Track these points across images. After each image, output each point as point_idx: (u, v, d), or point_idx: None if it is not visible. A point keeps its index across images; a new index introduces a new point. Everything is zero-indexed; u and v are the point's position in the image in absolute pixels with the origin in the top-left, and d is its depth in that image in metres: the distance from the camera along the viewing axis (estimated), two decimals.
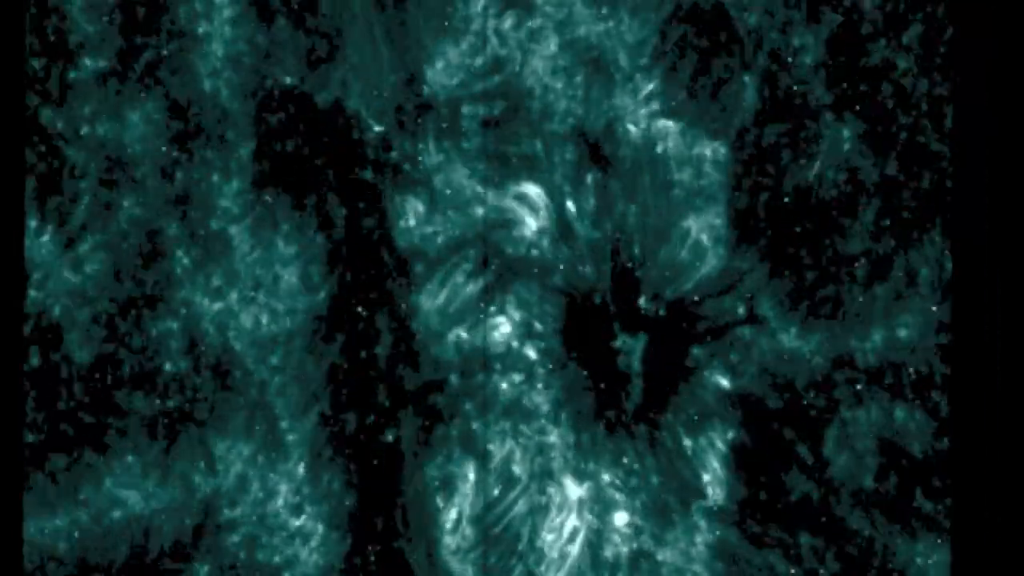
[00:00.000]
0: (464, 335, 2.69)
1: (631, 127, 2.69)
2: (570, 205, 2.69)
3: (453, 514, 2.69)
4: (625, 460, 2.68)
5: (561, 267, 2.69)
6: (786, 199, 2.67)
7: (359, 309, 2.69)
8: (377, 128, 2.70)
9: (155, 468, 2.68)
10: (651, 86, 2.69)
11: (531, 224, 2.69)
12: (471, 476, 2.69)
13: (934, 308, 2.65)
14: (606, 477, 2.68)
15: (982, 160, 2.64)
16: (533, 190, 2.69)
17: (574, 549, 2.68)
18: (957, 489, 2.62)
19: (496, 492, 2.69)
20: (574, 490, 2.68)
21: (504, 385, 2.69)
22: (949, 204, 2.65)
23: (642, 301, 2.69)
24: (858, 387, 2.65)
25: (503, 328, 2.69)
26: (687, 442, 2.67)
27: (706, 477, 2.67)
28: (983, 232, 2.63)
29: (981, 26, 2.65)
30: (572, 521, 2.69)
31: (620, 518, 2.68)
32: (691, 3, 2.69)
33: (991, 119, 2.65)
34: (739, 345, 2.67)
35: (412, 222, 2.70)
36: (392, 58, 2.70)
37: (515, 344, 2.69)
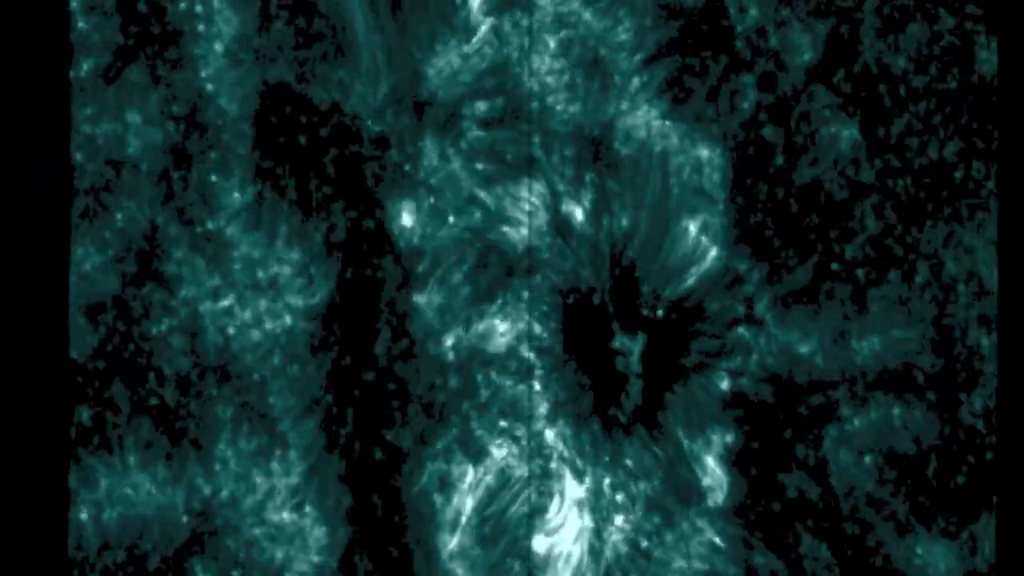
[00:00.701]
0: (463, 335, 2.69)
1: (630, 126, 2.68)
2: (569, 205, 2.69)
3: (452, 514, 2.69)
4: (624, 461, 2.68)
5: (560, 267, 2.69)
6: (786, 198, 2.67)
7: (359, 309, 2.69)
8: (376, 128, 2.70)
9: (153, 468, 2.68)
10: (650, 85, 2.68)
11: (530, 224, 2.69)
12: (470, 476, 2.69)
13: (933, 308, 2.65)
14: (605, 478, 2.68)
15: (985, 158, 2.64)
16: (532, 190, 2.69)
17: (574, 549, 2.68)
18: (957, 488, 2.62)
19: (495, 492, 2.68)
20: (573, 491, 2.68)
21: (502, 385, 2.68)
22: (950, 202, 2.65)
23: (641, 301, 2.68)
24: (858, 387, 2.65)
25: (501, 328, 2.69)
26: (686, 442, 2.67)
27: (705, 478, 2.67)
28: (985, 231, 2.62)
29: (984, 24, 2.64)
30: (571, 521, 2.68)
31: (619, 519, 2.68)
32: (690, 2, 2.69)
33: (998, 115, 2.64)
34: (739, 345, 2.66)
35: (412, 222, 2.70)
36: (392, 58, 2.70)
37: (513, 344, 2.68)
